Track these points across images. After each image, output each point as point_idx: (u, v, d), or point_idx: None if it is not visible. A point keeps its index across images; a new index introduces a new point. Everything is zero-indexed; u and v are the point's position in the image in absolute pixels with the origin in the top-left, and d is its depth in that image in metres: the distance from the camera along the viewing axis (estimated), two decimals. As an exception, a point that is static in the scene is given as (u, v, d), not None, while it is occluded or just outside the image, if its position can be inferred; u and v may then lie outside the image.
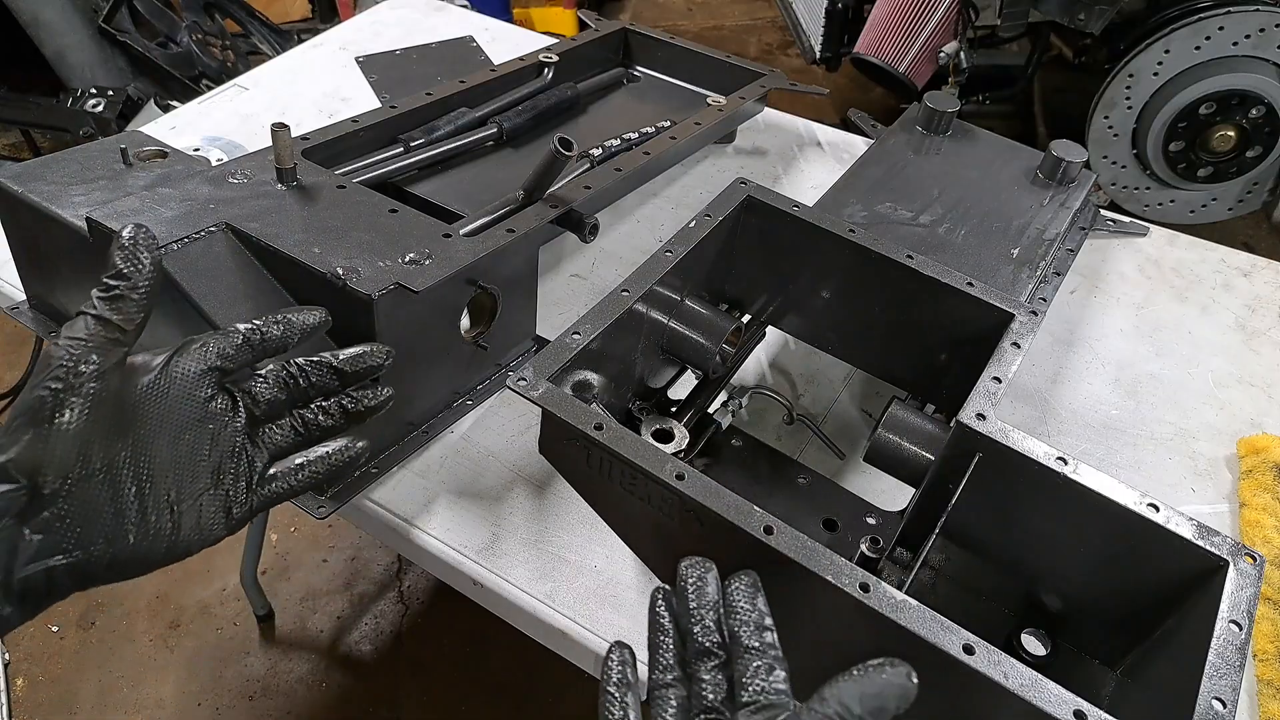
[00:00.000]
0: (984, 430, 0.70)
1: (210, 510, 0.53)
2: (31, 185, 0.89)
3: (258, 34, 3.05)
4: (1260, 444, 1.00)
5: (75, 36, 2.79)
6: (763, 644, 0.49)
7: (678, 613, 0.52)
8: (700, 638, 0.50)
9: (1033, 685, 0.54)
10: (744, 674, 0.47)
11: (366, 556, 1.98)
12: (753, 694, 0.47)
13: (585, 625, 0.81)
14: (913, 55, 2.64)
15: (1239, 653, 0.58)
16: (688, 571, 0.53)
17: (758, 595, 0.52)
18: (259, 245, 0.81)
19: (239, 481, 0.54)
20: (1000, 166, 1.15)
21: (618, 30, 1.46)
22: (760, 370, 1.07)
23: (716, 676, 0.48)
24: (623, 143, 1.20)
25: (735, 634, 0.50)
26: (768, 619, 0.50)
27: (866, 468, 0.84)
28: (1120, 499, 0.66)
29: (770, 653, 0.48)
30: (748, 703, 0.46)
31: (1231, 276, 1.27)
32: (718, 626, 0.50)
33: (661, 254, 0.83)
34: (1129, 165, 2.56)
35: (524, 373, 0.68)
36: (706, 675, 0.49)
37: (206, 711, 1.72)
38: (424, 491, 0.90)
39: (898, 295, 0.88)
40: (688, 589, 0.52)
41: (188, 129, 1.39)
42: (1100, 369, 1.11)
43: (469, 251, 0.84)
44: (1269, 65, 2.33)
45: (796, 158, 1.43)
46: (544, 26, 3.40)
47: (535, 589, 0.83)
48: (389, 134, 1.11)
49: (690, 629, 0.51)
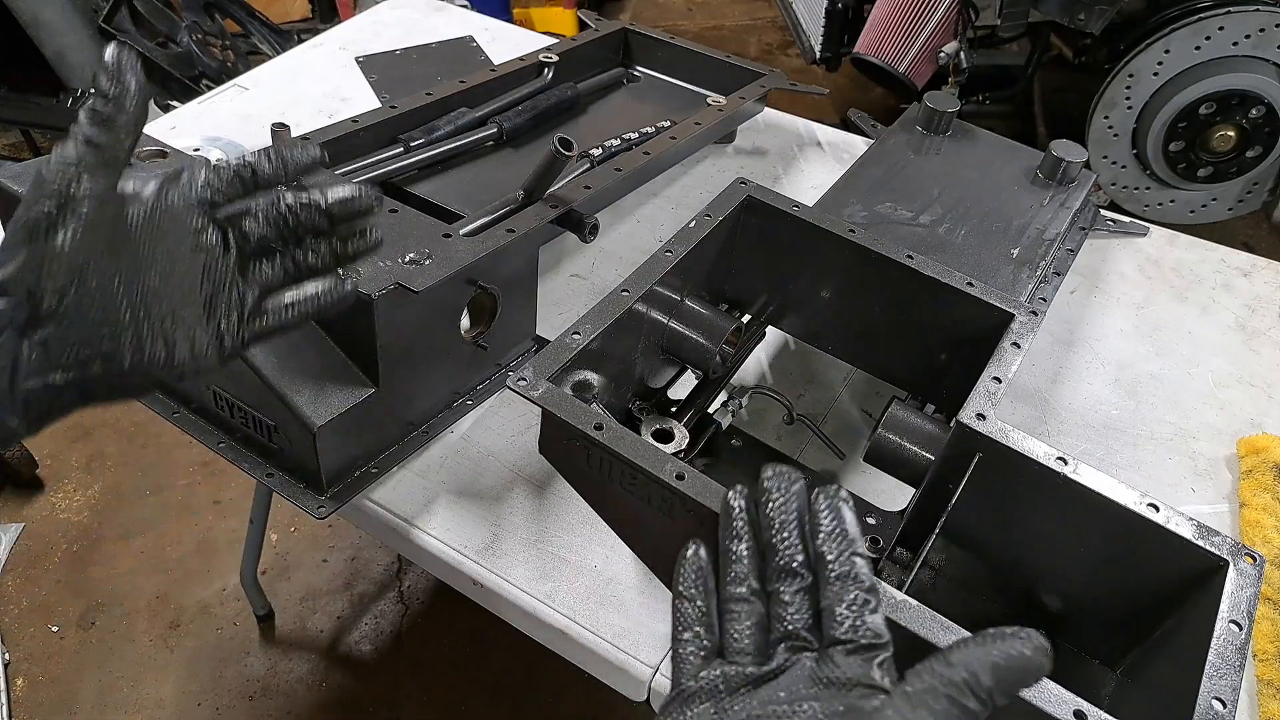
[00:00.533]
0: (984, 430, 0.70)
1: (203, 338, 0.53)
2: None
3: (258, 34, 3.05)
4: (1260, 444, 1.00)
5: (75, 36, 2.79)
6: (856, 572, 0.42)
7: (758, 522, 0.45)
8: (785, 553, 0.43)
9: (1032, 685, 0.54)
10: (837, 604, 0.41)
11: (366, 556, 1.98)
12: (848, 630, 0.40)
13: (585, 625, 0.81)
14: (913, 55, 2.64)
15: (1239, 653, 0.58)
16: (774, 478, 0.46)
17: (849, 511, 0.44)
18: (259, 245, 0.81)
19: (231, 313, 0.55)
20: (1000, 166, 1.15)
21: (618, 30, 1.46)
22: (760, 370, 1.07)
23: (802, 601, 0.42)
24: (623, 143, 1.20)
25: (823, 556, 0.43)
26: (860, 542, 0.43)
27: (866, 468, 0.84)
28: (1120, 499, 0.66)
29: (865, 583, 0.42)
30: (843, 640, 0.40)
31: (1231, 276, 1.27)
32: (805, 544, 0.44)
33: (661, 254, 0.83)
34: (1129, 165, 2.56)
35: (524, 373, 0.68)
36: (789, 597, 0.42)
37: (206, 711, 1.71)
38: (424, 491, 0.90)
39: (898, 295, 0.88)
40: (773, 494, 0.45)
41: (188, 129, 1.39)
42: (1100, 369, 1.11)
43: (469, 251, 0.84)
44: (1269, 65, 2.33)
45: (796, 158, 1.43)
46: (544, 26, 3.40)
47: (535, 589, 0.83)
48: (389, 134, 1.11)
49: (772, 541, 0.44)
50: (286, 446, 0.84)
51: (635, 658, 0.79)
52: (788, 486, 0.45)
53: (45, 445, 2.14)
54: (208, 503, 2.05)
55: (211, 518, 2.02)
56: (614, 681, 0.82)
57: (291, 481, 0.86)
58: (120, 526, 2.00)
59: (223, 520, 2.01)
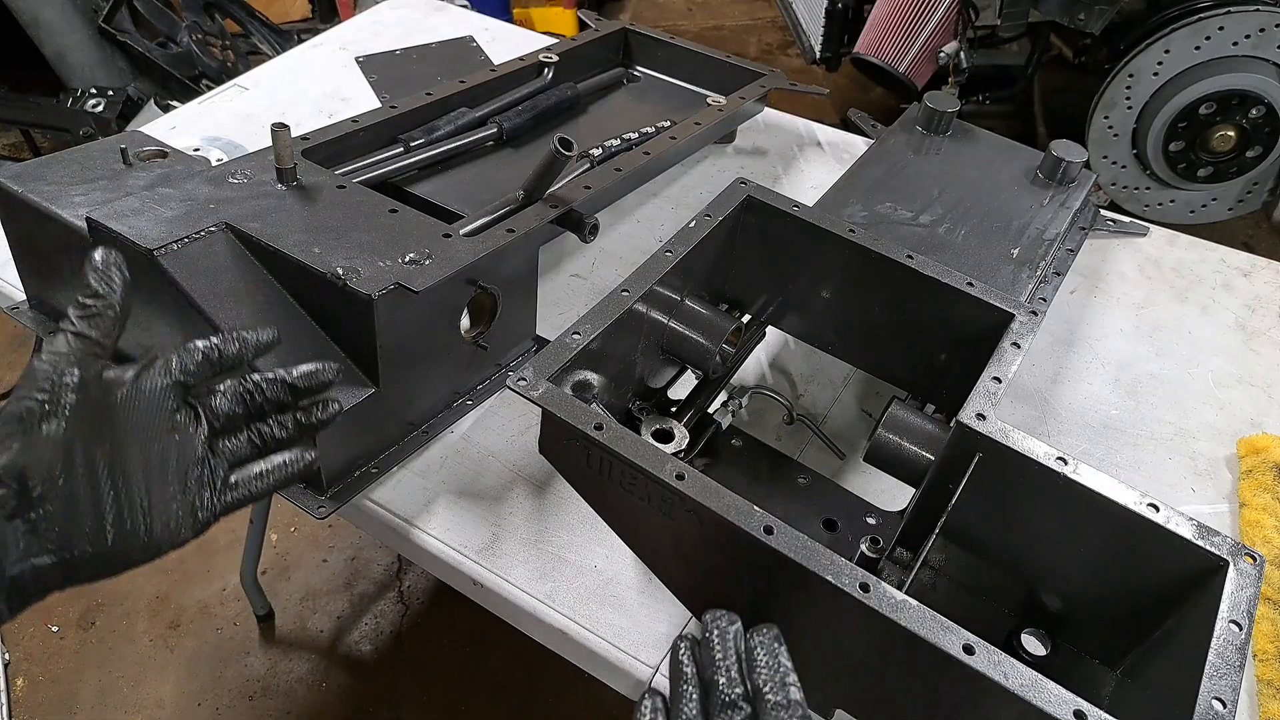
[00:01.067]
0: (984, 430, 0.70)
1: (178, 515, 0.56)
2: (31, 185, 0.89)
3: (258, 34, 3.05)
4: (1260, 444, 1.00)
5: (75, 36, 2.79)
6: (788, 700, 0.50)
7: (701, 663, 0.54)
8: (725, 690, 0.51)
9: (1033, 685, 0.54)
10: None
11: (366, 556, 1.98)
12: None
13: (585, 625, 0.81)
14: (913, 55, 2.64)
15: (1239, 653, 0.58)
16: (712, 623, 0.54)
17: (781, 648, 0.53)
18: (259, 245, 0.81)
19: (203, 489, 0.58)
20: (1000, 166, 1.15)
21: (618, 30, 1.46)
22: (760, 370, 1.07)
23: None
24: (623, 143, 1.20)
25: (759, 688, 0.51)
26: (792, 674, 0.52)
27: (866, 468, 0.84)
28: (1120, 499, 0.66)
29: (797, 710, 0.50)
30: None
31: (1231, 276, 1.27)
32: (742, 679, 0.52)
33: (661, 254, 0.83)
34: (1129, 165, 2.56)
35: (524, 373, 0.68)
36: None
37: (206, 711, 1.72)
38: (424, 491, 0.90)
39: (898, 295, 0.88)
40: (712, 640, 0.53)
41: (188, 129, 1.39)
42: (1100, 369, 1.11)
43: (469, 251, 0.84)
44: (1269, 65, 2.33)
45: (796, 158, 1.43)
46: (544, 26, 3.40)
47: (535, 589, 0.83)
48: (389, 134, 1.11)
49: (714, 680, 0.52)
50: (286, 446, 0.84)
51: (635, 658, 0.79)
52: (725, 627, 0.54)
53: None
54: (208, 503, 2.05)
55: (211, 518, 2.02)
56: (614, 681, 0.82)
57: (291, 481, 0.86)
58: (120, 526, 1.99)
59: (223, 520, 2.01)
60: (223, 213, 0.84)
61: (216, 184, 0.89)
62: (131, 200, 0.84)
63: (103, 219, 0.81)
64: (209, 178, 0.90)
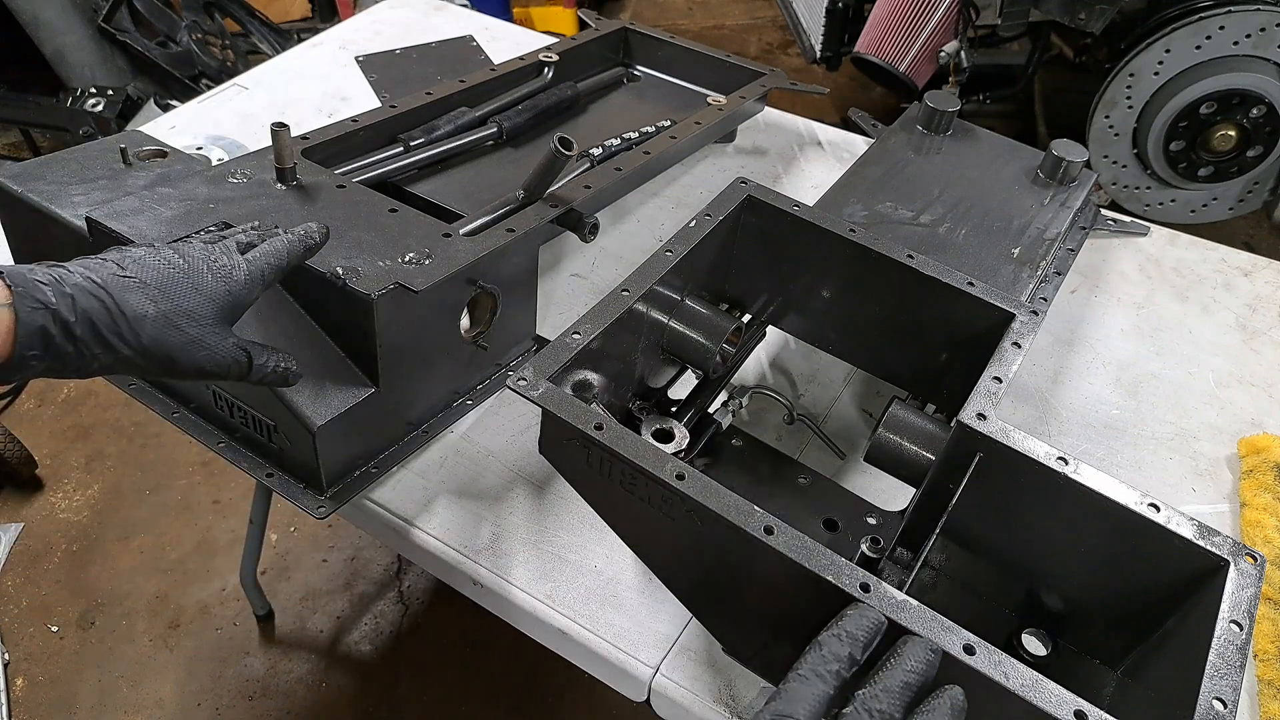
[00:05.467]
0: (984, 430, 0.70)
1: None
2: (31, 185, 0.89)
3: (258, 33, 3.05)
4: (1261, 444, 0.99)
5: (75, 36, 2.79)
6: None
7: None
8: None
9: (1033, 685, 0.54)
10: None
11: (366, 556, 1.98)
12: None
13: (585, 625, 0.81)
14: (913, 55, 2.64)
15: (1239, 653, 0.58)
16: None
17: None
18: (259, 245, 0.81)
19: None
20: (1001, 166, 1.15)
21: (618, 30, 1.46)
22: (760, 370, 1.07)
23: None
24: (623, 142, 1.20)
25: None
26: None
27: (866, 468, 0.84)
28: (1121, 499, 0.66)
29: None
30: None
31: (1232, 276, 1.27)
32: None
33: (661, 254, 0.82)
34: (1130, 165, 2.56)
35: (524, 373, 0.68)
36: None
37: (206, 711, 1.71)
38: (424, 491, 0.90)
39: (898, 295, 0.88)
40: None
41: (188, 129, 1.39)
42: (1101, 369, 1.10)
43: (469, 251, 0.84)
44: (1269, 65, 2.33)
45: (797, 157, 1.43)
46: (544, 26, 3.40)
47: (535, 589, 0.83)
48: (389, 133, 1.11)
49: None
50: (286, 446, 0.84)
51: (635, 658, 0.79)
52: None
53: (45, 445, 2.14)
54: (207, 503, 2.05)
55: (211, 518, 2.02)
56: (614, 682, 0.82)
57: (291, 481, 0.86)
58: (120, 526, 2.00)
59: (222, 520, 2.01)
60: (222, 212, 0.84)
61: (216, 184, 0.89)
62: (131, 200, 0.84)
63: (102, 218, 0.81)
64: (208, 177, 0.90)
